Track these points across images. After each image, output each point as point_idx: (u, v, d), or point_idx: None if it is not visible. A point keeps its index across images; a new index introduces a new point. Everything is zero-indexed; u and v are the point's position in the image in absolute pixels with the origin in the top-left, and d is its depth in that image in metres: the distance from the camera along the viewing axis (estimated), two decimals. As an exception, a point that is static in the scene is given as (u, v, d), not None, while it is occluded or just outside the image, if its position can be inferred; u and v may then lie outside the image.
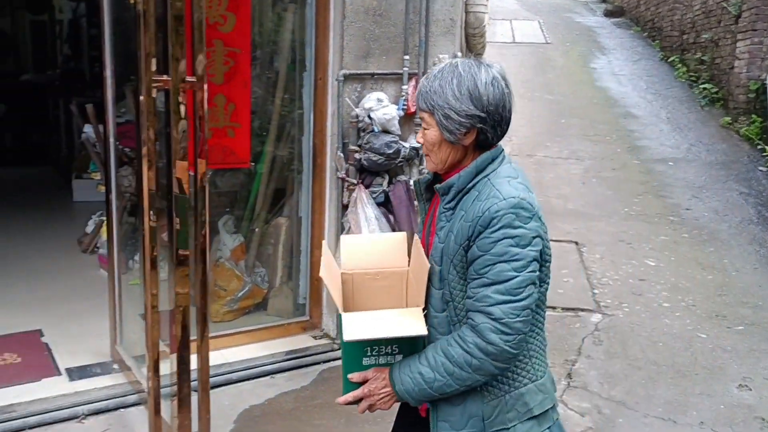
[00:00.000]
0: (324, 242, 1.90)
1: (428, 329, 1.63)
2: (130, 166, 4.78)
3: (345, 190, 3.78)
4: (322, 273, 1.72)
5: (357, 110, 3.72)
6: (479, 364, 1.50)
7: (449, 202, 1.61)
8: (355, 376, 1.65)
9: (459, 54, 4.09)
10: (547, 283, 1.63)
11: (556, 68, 10.49)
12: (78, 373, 3.44)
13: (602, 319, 4.46)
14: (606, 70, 10.45)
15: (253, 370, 3.63)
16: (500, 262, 1.47)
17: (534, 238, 1.50)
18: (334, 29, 3.75)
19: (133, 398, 3.27)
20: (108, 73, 3.37)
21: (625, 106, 9.04)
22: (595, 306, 4.63)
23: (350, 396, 1.66)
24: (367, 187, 3.78)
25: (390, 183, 3.86)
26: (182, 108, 2.54)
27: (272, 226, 4.28)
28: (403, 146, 3.79)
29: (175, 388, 2.67)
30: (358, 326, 1.59)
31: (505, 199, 1.50)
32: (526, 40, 11.73)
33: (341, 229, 3.81)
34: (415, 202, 3.94)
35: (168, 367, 2.76)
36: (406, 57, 3.82)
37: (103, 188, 5.27)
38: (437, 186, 1.65)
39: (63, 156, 7.97)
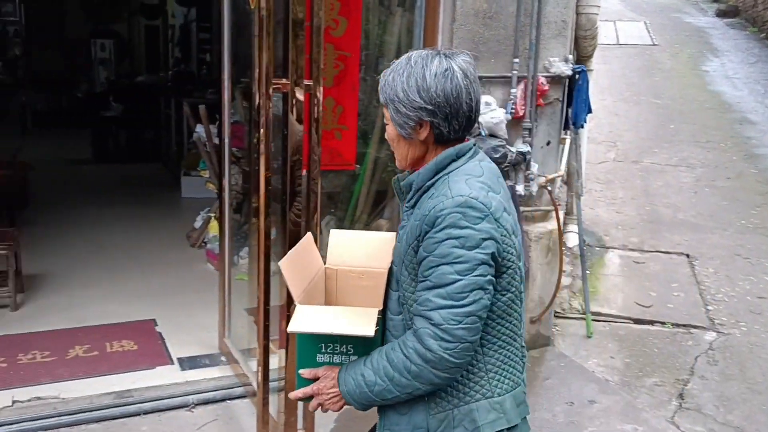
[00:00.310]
0: (308, 233, 1.88)
1: (385, 332, 1.59)
2: (237, 165, 4.95)
3: (449, 194, 3.74)
4: (284, 262, 1.63)
5: (464, 114, 3.67)
6: (418, 371, 1.41)
7: (409, 200, 1.55)
8: (306, 372, 1.58)
9: (570, 57, 3.96)
10: (512, 292, 1.48)
11: (664, 71, 10.02)
12: (188, 363, 3.58)
13: (717, 338, 4.19)
14: (719, 72, 9.88)
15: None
16: (443, 264, 1.38)
17: (485, 240, 1.38)
18: (443, 32, 3.72)
19: (239, 390, 3.37)
20: (225, 75, 3.49)
21: (741, 111, 8.50)
22: (708, 323, 4.36)
23: (300, 392, 1.60)
24: (471, 191, 3.72)
25: (495, 188, 3.79)
26: (297, 110, 2.59)
27: (373, 227, 4.30)
28: (510, 151, 3.71)
29: (283, 383, 2.73)
30: (306, 319, 1.53)
31: (452, 197, 1.40)
32: (631, 42, 11.27)
33: (444, 233, 3.77)
34: (522, 209, 3.85)
35: (275, 362, 2.83)
36: (516, 60, 3.74)
37: (211, 186, 5.50)
38: (402, 183, 1.58)
39: (172, 154, 8.39)
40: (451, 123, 1.47)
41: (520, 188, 3.84)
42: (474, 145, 1.53)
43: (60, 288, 4.52)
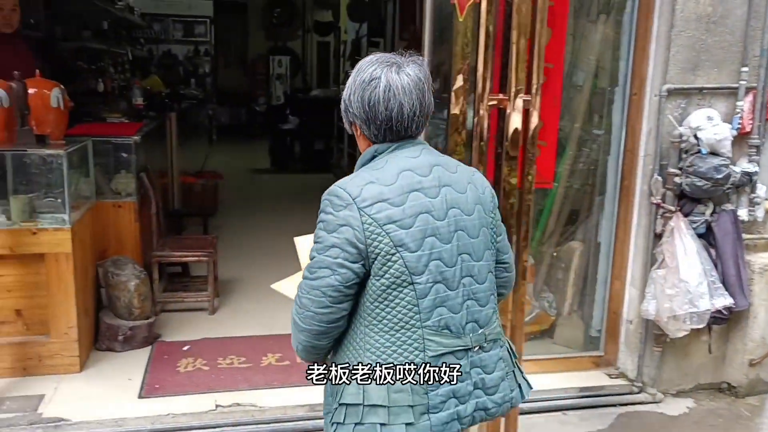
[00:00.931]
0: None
1: None
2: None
3: (659, 217, 3.40)
4: (298, 238, 1.92)
5: (681, 129, 3.32)
6: (293, 327, 1.62)
7: None
8: None
9: (809, 64, 3.45)
10: (387, 279, 1.54)
11: None
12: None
13: None
14: None
15: (543, 403, 3.43)
16: (314, 242, 1.58)
17: (341, 226, 1.52)
18: (658, 40, 3.40)
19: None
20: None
21: None
22: None
23: None
24: (686, 215, 3.36)
25: (713, 212, 3.39)
26: (515, 125, 2.44)
27: (564, 249, 4.04)
28: (734, 170, 3.30)
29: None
30: (287, 281, 1.90)
31: (332, 187, 1.56)
32: None
33: (652, 260, 3.43)
34: (744, 236, 3.41)
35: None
36: (744, 69, 3.32)
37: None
38: None
39: (344, 165, 8.62)
40: (370, 128, 1.60)
41: (742, 213, 3.40)
42: (399, 143, 1.61)
43: (249, 294, 4.72)
